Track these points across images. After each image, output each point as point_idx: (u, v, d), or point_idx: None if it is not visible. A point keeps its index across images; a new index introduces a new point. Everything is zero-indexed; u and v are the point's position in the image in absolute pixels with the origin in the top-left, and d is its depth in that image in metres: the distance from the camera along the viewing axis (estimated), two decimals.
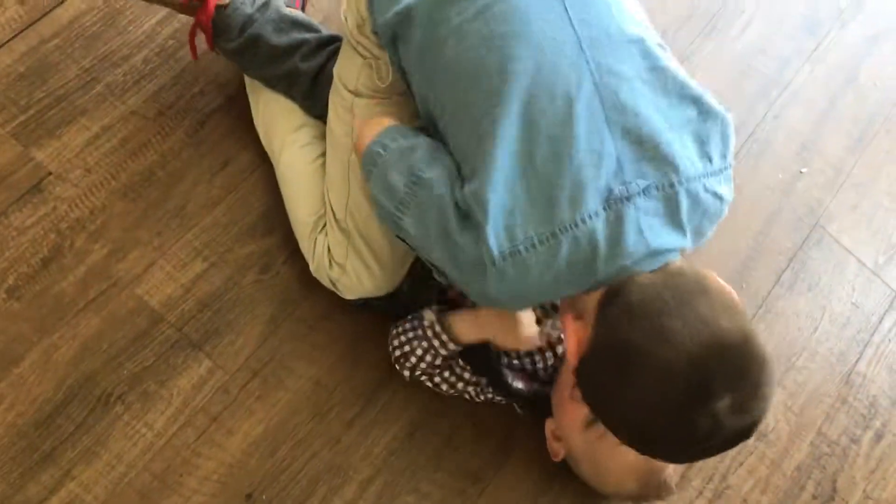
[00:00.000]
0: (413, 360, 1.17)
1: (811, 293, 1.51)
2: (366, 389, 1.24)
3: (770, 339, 1.45)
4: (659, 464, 1.14)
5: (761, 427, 1.37)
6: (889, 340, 1.49)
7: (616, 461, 1.14)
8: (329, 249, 1.19)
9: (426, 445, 1.24)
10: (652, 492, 1.18)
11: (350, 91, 1.12)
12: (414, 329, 1.17)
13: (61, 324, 1.15)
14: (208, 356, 1.19)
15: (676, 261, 0.97)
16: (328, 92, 1.18)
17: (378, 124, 1.05)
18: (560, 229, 0.90)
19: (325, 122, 1.23)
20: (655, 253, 0.93)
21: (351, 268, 1.18)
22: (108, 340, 1.16)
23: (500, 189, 0.91)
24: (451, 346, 1.16)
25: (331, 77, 1.17)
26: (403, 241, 1.04)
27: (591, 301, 0.94)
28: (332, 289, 1.22)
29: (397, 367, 1.20)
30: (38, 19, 1.28)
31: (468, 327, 1.15)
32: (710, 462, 1.35)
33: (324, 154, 1.22)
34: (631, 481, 1.15)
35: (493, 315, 1.13)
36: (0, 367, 1.12)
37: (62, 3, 1.29)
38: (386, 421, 1.24)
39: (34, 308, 1.15)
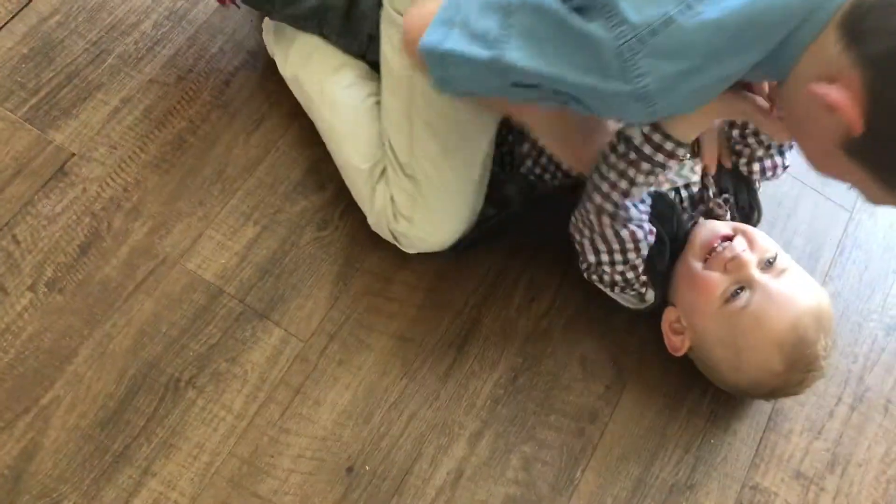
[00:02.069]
0: (634, 190, 0.97)
1: None
2: (456, 338, 1.11)
3: (876, 227, 1.33)
4: (808, 334, 1.01)
5: (887, 321, 1.25)
6: None
7: (761, 334, 1.01)
8: (392, 200, 1.06)
9: (533, 389, 1.11)
10: (799, 373, 1.04)
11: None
12: (624, 155, 0.95)
13: (112, 311, 1.03)
14: (278, 325, 1.06)
15: None
16: (365, 27, 1.07)
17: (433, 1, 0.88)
18: None
19: (365, 62, 1.12)
20: None
21: (420, 219, 1.05)
22: (167, 322, 1.03)
23: None
24: (680, 151, 0.94)
25: (365, 10, 1.06)
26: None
27: (831, 52, 0.73)
28: (394, 242, 1.09)
29: (602, 202, 1.00)
30: None
31: (694, 119, 0.91)
32: (841, 365, 1.21)
33: (371, 94, 1.10)
34: (777, 358, 1.01)
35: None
36: (53, 366, 0.99)
37: None
38: (484, 369, 1.10)
39: (79, 299, 1.03)
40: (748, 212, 1.17)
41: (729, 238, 1.06)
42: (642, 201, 1.01)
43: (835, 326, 1.08)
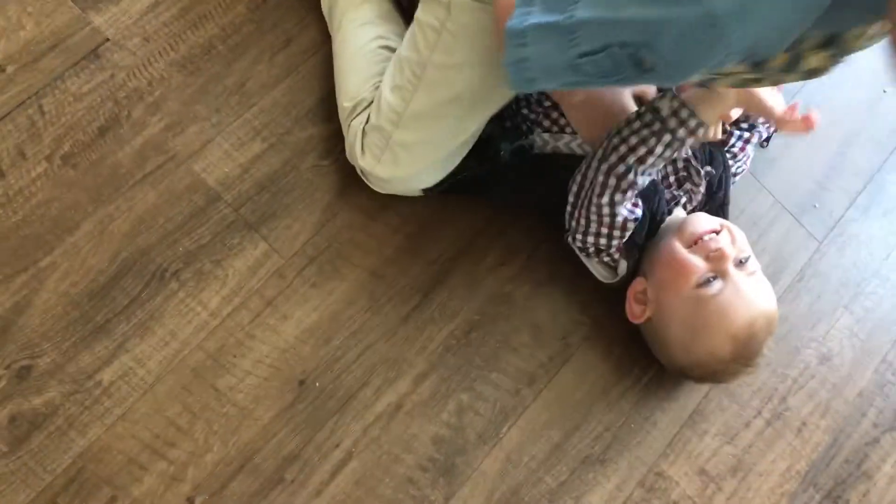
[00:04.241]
0: (650, 158, 1.06)
1: (886, 218, 1.44)
2: (423, 284, 1.20)
3: (840, 262, 1.40)
4: (760, 334, 1.11)
5: (824, 351, 1.34)
6: None
7: (721, 322, 1.10)
8: (364, 132, 1.12)
9: (483, 346, 1.20)
10: (739, 364, 1.14)
11: None
12: (649, 124, 1.04)
13: (117, 195, 1.12)
14: (264, 239, 1.15)
15: None
16: None
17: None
18: None
19: None
20: None
21: (387, 162, 1.11)
22: (165, 216, 1.12)
23: None
24: (701, 130, 1.04)
25: None
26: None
27: None
28: (361, 176, 1.16)
29: (618, 169, 1.07)
30: None
31: (715, 103, 1.04)
32: (769, 382, 1.31)
33: (379, 37, 1.16)
34: (728, 347, 1.11)
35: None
36: (54, 234, 1.08)
37: None
38: (443, 318, 1.20)
39: (90, 177, 1.11)
40: (716, 191, 1.24)
41: (716, 232, 1.14)
42: (650, 175, 1.09)
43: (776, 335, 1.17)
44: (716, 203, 1.24)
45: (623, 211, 1.10)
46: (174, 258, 1.11)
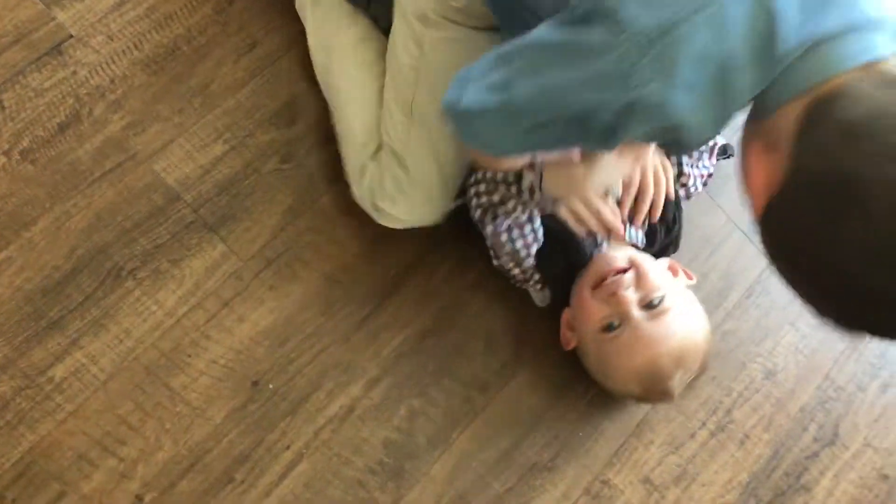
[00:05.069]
0: (512, 213, 1.16)
1: None
2: (380, 291, 1.22)
3: None
4: (664, 371, 1.13)
5: (769, 366, 1.38)
6: None
7: (623, 365, 1.13)
8: (382, 179, 1.15)
9: (436, 352, 1.22)
10: (654, 396, 1.18)
11: (418, 18, 1.05)
12: (509, 185, 1.14)
13: (75, 192, 1.12)
14: (223, 240, 1.16)
15: (890, 63, 0.75)
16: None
17: None
18: None
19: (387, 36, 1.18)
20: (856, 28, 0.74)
21: (403, 202, 1.14)
22: (123, 214, 1.13)
23: None
24: (551, 209, 1.13)
25: None
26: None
27: (787, 125, 0.74)
28: (372, 215, 1.18)
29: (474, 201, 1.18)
30: None
31: (572, 183, 1.07)
32: (715, 395, 1.34)
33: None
34: (634, 384, 1.15)
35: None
36: (10, 229, 1.08)
37: None
38: (397, 324, 1.22)
39: (48, 173, 1.11)
40: (670, 225, 1.26)
41: (623, 271, 1.15)
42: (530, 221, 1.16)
43: (704, 360, 1.19)
44: (669, 241, 1.27)
45: (516, 245, 1.17)
46: (131, 256, 1.12)
